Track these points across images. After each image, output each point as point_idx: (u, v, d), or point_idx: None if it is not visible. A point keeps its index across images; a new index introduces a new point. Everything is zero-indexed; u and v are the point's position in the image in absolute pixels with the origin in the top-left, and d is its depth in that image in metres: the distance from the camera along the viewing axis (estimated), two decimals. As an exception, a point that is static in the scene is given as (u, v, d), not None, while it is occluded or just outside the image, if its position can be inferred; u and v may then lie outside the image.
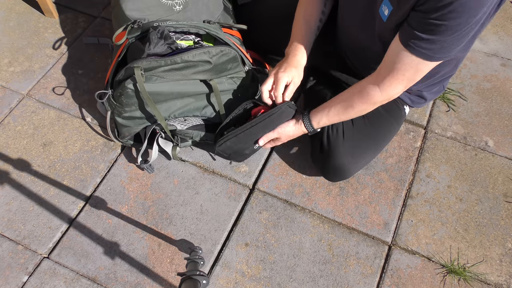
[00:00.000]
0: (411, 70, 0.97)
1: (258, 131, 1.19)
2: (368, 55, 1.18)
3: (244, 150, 1.26)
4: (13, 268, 1.17)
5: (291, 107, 1.17)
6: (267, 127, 1.19)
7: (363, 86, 1.07)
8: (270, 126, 1.19)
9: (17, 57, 1.61)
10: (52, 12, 1.70)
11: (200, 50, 1.15)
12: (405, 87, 1.02)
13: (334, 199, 1.29)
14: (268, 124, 1.18)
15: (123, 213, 1.26)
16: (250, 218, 1.26)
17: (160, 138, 1.29)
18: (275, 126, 1.19)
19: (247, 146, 1.23)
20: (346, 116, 1.13)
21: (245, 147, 1.24)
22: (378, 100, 1.05)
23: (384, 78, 1.01)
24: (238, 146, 1.23)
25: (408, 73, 0.98)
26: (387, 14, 0.99)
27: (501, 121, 1.45)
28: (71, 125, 1.44)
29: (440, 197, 1.29)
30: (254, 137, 1.21)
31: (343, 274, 1.17)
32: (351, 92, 1.10)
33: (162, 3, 1.30)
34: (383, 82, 1.02)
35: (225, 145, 1.21)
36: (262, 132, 1.20)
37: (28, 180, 1.32)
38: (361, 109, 1.10)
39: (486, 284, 1.15)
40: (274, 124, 1.19)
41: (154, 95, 1.19)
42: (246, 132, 1.18)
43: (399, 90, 1.03)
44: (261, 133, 1.20)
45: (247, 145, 1.23)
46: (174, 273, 1.17)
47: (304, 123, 1.17)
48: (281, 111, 1.16)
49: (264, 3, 1.46)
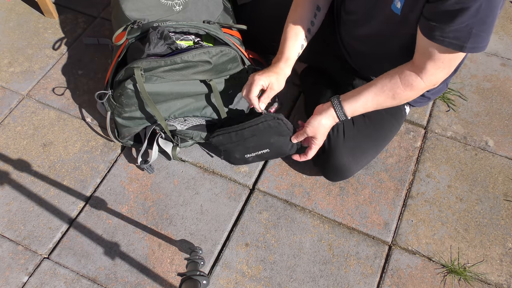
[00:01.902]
0: (446, 59, 0.96)
1: (247, 136, 1.18)
2: (374, 55, 1.18)
3: (235, 153, 1.25)
4: (13, 269, 1.17)
5: (279, 122, 1.15)
6: (256, 136, 1.18)
7: (402, 75, 1.02)
8: (260, 136, 1.18)
9: (17, 57, 1.61)
10: (52, 13, 1.70)
11: (200, 50, 1.15)
12: (447, 73, 1.00)
13: (334, 199, 1.29)
14: (257, 132, 1.17)
15: (123, 214, 1.26)
16: (250, 218, 1.26)
17: (160, 139, 1.29)
18: (266, 138, 1.18)
19: (237, 149, 1.23)
20: (384, 105, 1.08)
21: (235, 150, 1.23)
22: (422, 87, 1.02)
23: (423, 69, 0.99)
24: (229, 146, 1.23)
25: (444, 63, 0.96)
26: (399, 7, 0.98)
27: (501, 121, 1.45)
28: (71, 125, 1.44)
29: (440, 197, 1.29)
30: (243, 143, 1.20)
31: (343, 274, 1.17)
32: (389, 79, 1.05)
33: (162, 4, 1.30)
34: (423, 72, 0.99)
35: (217, 139, 1.22)
36: (252, 140, 1.19)
37: (28, 180, 1.32)
38: (405, 98, 1.06)
39: (486, 284, 1.15)
40: (265, 135, 1.18)
41: (154, 95, 1.19)
42: (237, 134, 1.18)
43: (442, 75, 1.00)
44: (251, 140, 1.19)
45: (237, 148, 1.22)
46: (174, 273, 1.17)
47: (336, 112, 1.09)
48: (268, 125, 1.15)
49: (264, 3, 1.46)
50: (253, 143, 1.20)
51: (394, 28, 1.05)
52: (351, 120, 1.23)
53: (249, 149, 1.22)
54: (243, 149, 1.22)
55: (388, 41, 1.10)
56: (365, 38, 1.15)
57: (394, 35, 1.07)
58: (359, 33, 1.16)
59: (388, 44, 1.11)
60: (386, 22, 1.06)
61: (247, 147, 1.22)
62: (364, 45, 1.18)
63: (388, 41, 1.10)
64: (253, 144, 1.21)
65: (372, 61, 1.21)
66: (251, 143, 1.20)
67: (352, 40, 1.22)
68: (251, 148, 1.22)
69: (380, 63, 1.18)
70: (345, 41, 1.25)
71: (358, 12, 1.13)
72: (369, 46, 1.17)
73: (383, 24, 1.07)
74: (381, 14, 1.05)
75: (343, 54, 1.29)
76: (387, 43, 1.11)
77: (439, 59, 0.96)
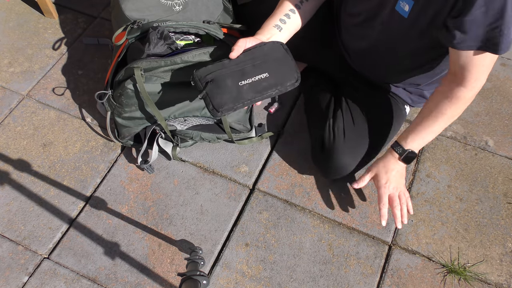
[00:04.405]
0: (486, 63, 0.95)
1: (246, 59, 1.04)
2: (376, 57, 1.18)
3: (226, 80, 1.02)
4: (13, 269, 1.17)
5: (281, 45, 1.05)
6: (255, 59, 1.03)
7: (446, 94, 1.02)
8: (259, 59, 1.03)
9: (17, 57, 1.61)
10: (52, 13, 1.70)
11: (200, 51, 1.15)
12: (487, 74, 0.99)
13: (334, 199, 1.29)
14: (257, 55, 1.03)
15: (123, 214, 1.26)
16: (250, 218, 1.26)
17: (160, 139, 1.29)
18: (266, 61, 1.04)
19: (230, 75, 1.02)
20: (440, 127, 1.07)
21: (226, 75, 1.02)
22: (469, 97, 1.02)
23: (465, 78, 0.98)
24: (219, 72, 1.02)
25: (485, 67, 0.96)
26: (407, 10, 0.97)
27: (501, 121, 1.45)
28: (71, 125, 1.44)
29: (440, 197, 1.29)
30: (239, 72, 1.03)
31: (344, 274, 1.17)
32: (434, 104, 1.05)
33: (162, 4, 1.30)
34: (465, 81, 0.98)
35: (205, 69, 1.03)
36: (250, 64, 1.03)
37: (28, 180, 1.32)
38: (455, 114, 1.05)
39: (486, 283, 1.15)
40: (265, 58, 1.04)
41: (154, 96, 1.19)
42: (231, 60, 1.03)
43: (484, 77, 0.99)
44: (247, 63, 1.03)
45: (231, 74, 1.02)
46: (175, 273, 1.17)
47: (394, 149, 1.12)
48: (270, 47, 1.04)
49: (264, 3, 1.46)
50: (250, 65, 1.03)
51: (400, 31, 1.04)
52: (351, 120, 1.23)
53: (244, 74, 1.03)
54: (237, 74, 1.02)
55: (392, 44, 1.09)
56: (367, 40, 1.14)
57: (399, 38, 1.06)
58: (361, 34, 1.15)
59: (391, 47, 1.10)
60: (391, 25, 1.05)
61: (243, 72, 1.03)
62: (366, 47, 1.17)
63: (392, 44, 1.09)
64: (249, 67, 1.03)
65: (373, 62, 1.21)
66: (247, 66, 1.03)
67: (353, 41, 1.21)
68: (247, 72, 1.03)
69: (381, 64, 1.18)
70: (345, 43, 1.25)
71: (361, 14, 1.12)
72: (372, 48, 1.16)
73: (388, 27, 1.06)
74: (386, 16, 1.04)
75: (343, 54, 1.29)
76: (391, 45, 1.10)
77: (478, 64, 0.95)
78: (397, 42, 1.08)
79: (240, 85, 1.01)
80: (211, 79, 1.02)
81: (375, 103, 1.26)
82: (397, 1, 0.99)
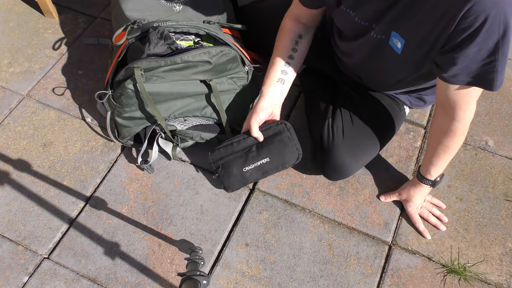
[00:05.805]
0: (474, 94, 0.95)
1: (252, 144, 1.19)
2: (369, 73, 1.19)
3: (233, 167, 1.19)
4: (13, 269, 1.17)
5: (283, 126, 1.18)
6: (262, 147, 1.18)
7: (442, 128, 1.04)
8: (264, 143, 1.18)
9: (17, 57, 1.61)
10: (52, 13, 1.70)
11: (200, 51, 1.15)
12: (475, 102, 0.99)
13: (334, 199, 1.29)
14: (263, 143, 1.18)
15: (123, 214, 1.26)
16: (250, 218, 1.26)
17: (160, 139, 1.29)
18: (269, 144, 1.18)
19: (236, 162, 1.19)
20: (451, 155, 1.09)
21: (233, 163, 1.19)
22: (464, 128, 1.02)
23: (454, 112, 0.98)
24: (228, 158, 1.19)
25: (473, 98, 0.96)
26: (400, 47, 0.98)
27: (501, 121, 1.45)
28: (71, 125, 1.44)
29: (440, 196, 1.29)
30: (244, 152, 1.19)
31: (344, 274, 1.17)
32: (436, 140, 1.08)
33: (162, 4, 1.31)
34: (456, 115, 0.99)
35: (217, 152, 1.20)
36: (253, 147, 1.19)
37: (28, 180, 1.32)
38: (457, 144, 1.06)
39: (486, 283, 1.15)
40: (268, 141, 1.18)
41: (154, 96, 1.19)
42: (239, 143, 1.18)
43: (474, 106, 0.99)
44: (252, 148, 1.18)
45: (237, 161, 1.19)
46: (175, 273, 1.17)
47: (423, 183, 1.17)
48: (273, 130, 1.18)
49: (264, 4, 1.46)
50: (254, 151, 1.18)
51: (393, 64, 1.05)
52: (350, 119, 1.23)
53: (248, 160, 1.19)
54: (242, 161, 1.19)
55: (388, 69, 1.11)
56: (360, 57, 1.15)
57: (394, 66, 1.07)
58: (354, 53, 1.16)
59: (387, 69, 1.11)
60: (384, 59, 1.06)
61: (247, 158, 1.19)
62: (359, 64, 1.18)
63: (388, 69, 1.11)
64: (253, 153, 1.18)
65: (368, 77, 1.24)
66: (251, 152, 1.18)
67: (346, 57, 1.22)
68: (250, 158, 1.18)
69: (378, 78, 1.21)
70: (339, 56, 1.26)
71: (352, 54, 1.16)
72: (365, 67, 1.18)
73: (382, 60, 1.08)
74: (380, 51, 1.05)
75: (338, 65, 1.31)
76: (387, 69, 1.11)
77: (466, 96, 0.95)
78: (392, 69, 1.10)
79: (245, 171, 1.20)
80: (221, 164, 1.20)
81: (374, 103, 1.27)
82: (389, 37, 0.99)
